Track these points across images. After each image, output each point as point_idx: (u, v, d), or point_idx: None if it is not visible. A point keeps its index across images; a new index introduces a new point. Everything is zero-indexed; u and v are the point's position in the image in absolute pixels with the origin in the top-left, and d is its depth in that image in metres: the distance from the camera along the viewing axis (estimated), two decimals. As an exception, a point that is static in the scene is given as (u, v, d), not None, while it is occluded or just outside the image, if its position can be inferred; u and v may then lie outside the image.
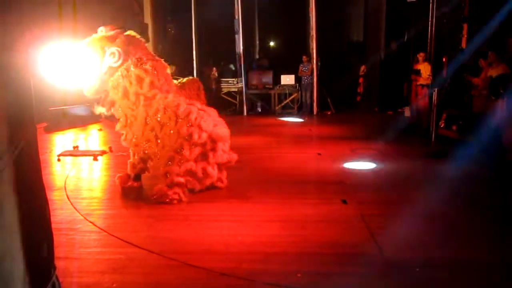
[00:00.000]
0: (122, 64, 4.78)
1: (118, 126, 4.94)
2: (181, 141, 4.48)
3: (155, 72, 4.82)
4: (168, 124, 4.56)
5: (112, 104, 4.90)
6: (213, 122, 4.73)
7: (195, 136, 4.49)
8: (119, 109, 4.85)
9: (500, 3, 7.53)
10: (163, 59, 5.15)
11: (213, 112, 4.97)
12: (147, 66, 4.80)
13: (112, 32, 4.89)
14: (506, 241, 3.50)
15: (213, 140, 4.69)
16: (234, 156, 4.96)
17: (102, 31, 4.92)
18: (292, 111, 13.51)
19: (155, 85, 4.78)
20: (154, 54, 5.19)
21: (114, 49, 4.77)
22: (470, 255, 3.23)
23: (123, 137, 4.95)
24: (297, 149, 7.57)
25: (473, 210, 4.23)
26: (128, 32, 5.11)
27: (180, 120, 4.54)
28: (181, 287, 2.80)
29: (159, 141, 4.63)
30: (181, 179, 4.50)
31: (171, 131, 4.54)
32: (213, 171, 4.73)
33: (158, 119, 4.60)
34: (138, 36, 5.16)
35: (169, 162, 4.50)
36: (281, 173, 5.72)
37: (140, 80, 4.73)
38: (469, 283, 2.83)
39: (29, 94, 1.83)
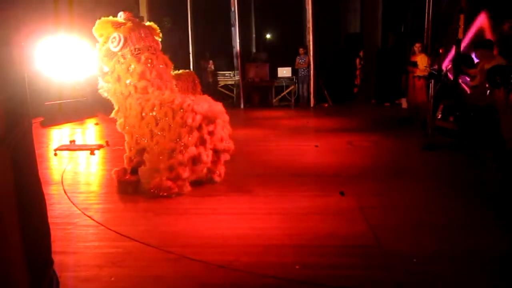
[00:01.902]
0: (120, 50, 4.80)
1: (113, 113, 5.00)
2: (178, 130, 4.45)
3: (149, 65, 4.82)
4: (164, 119, 4.54)
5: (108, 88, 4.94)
6: (207, 104, 4.65)
7: (189, 120, 4.43)
8: (115, 95, 4.89)
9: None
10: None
11: (206, 97, 4.95)
12: (142, 57, 4.80)
13: (122, 18, 4.93)
14: (505, 232, 3.52)
15: (210, 120, 4.62)
16: (231, 145, 4.93)
17: (120, 16, 4.97)
18: (289, 103, 13.52)
19: (146, 77, 4.77)
20: (158, 49, 5.12)
21: (116, 34, 4.79)
22: (469, 245, 3.24)
23: (118, 123, 4.98)
24: (295, 141, 7.57)
25: (472, 200, 4.24)
26: (149, 23, 5.19)
27: (176, 113, 4.52)
28: (180, 280, 2.80)
29: (153, 136, 4.61)
30: (186, 173, 4.48)
31: (170, 125, 4.52)
32: (207, 158, 4.63)
33: (154, 114, 4.58)
34: (158, 30, 5.22)
35: (171, 155, 4.46)
36: (279, 166, 5.72)
37: (132, 69, 4.77)
38: (467, 274, 2.84)
39: (23, 88, 1.82)
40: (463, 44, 8.40)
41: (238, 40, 13.45)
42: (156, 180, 4.54)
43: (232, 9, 13.35)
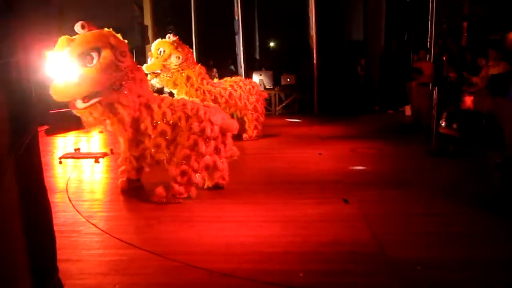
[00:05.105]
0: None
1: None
2: (195, 137, 4.51)
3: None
4: (179, 123, 4.59)
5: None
6: (221, 116, 4.81)
7: (208, 131, 4.54)
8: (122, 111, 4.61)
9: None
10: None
11: (217, 107, 5.14)
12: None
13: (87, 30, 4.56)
14: (508, 240, 3.51)
15: (224, 133, 4.78)
16: (236, 151, 5.05)
17: (84, 26, 4.50)
18: (293, 111, 13.52)
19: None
20: None
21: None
22: (473, 253, 3.23)
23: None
24: (298, 149, 7.58)
25: (475, 208, 4.23)
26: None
27: (190, 118, 4.59)
28: (183, 288, 2.81)
29: (168, 145, 4.62)
30: (199, 178, 4.59)
31: (183, 130, 4.57)
32: (223, 165, 4.81)
33: (166, 120, 4.59)
34: None
35: (184, 161, 4.50)
36: (282, 173, 5.73)
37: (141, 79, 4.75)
38: (470, 281, 2.83)
39: (30, 97, 1.84)
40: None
41: (241, 48, 13.50)
42: (160, 187, 4.56)
43: (236, 17, 13.42)
